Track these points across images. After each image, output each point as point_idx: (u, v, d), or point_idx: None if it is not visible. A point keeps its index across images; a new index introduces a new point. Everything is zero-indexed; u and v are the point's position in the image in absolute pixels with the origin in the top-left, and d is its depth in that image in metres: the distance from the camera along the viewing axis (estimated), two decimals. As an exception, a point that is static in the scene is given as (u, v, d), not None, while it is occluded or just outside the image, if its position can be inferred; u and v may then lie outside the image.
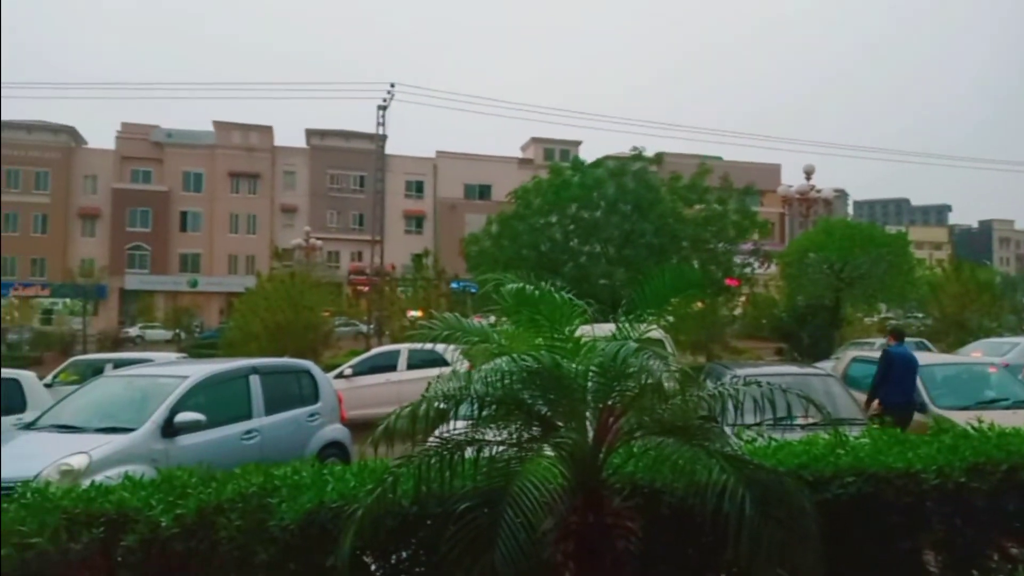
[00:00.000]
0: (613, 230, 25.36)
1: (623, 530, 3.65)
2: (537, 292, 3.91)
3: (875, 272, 24.49)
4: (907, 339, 12.49)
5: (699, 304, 24.69)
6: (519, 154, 68.21)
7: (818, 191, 25.42)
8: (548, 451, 3.82)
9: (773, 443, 4.82)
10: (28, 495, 3.97)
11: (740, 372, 8.42)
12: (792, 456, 4.53)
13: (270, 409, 8.43)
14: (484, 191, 62.97)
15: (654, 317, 4.22)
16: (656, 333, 4.92)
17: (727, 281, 27.41)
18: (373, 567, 3.93)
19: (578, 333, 4.04)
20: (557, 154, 58.21)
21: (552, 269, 23.36)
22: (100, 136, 70.95)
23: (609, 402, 3.82)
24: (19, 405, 8.78)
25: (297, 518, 3.67)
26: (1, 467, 6.52)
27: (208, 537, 3.73)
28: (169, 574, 3.79)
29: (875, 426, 5.64)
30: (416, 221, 63.75)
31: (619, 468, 4.10)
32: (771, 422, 4.76)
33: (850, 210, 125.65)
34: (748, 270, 28.35)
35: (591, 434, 3.84)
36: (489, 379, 3.69)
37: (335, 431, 9.37)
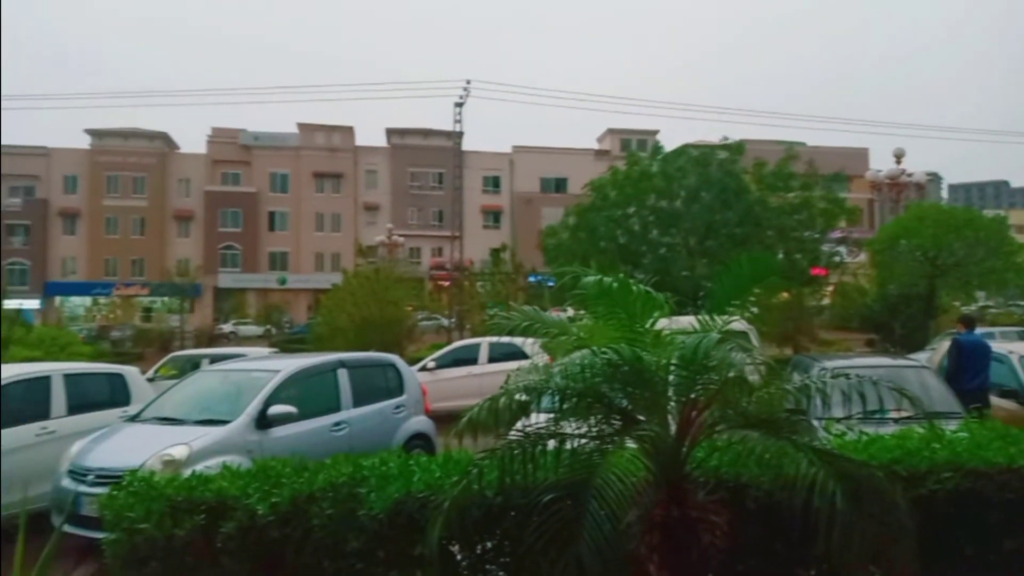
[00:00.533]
0: (695, 220, 24.90)
1: (708, 524, 3.62)
2: (615, 285, 3.90)
3: (972, 258, 23.33)
4: (1009, 328, 11.97)
5: (785, 295, 24.03)
6: (595, 146, 67.74)
7: (909, 175, 24.33)
8: (630, 444, 3.81)
9: (864, 437, 4.67)
10: (135, 484, 4.20)
11: (828, 364, 8.18)
12: (884, 451, 4.39)
13: (357, 401, 8.67)
14: (560, 184, 62.83)
15: (737, 308, 4.15)
16: (739, 325, 4.82)
17: (814, 271, 26.52)
18: (459, 556, 4.00)
19: (658, 326, 4.01)
20: (634, 144, 57.48)
21: (631, 261, 23.14)
22: (192, 141, 73.95)
23: (691, 395, 3.78)
24: (124, 399, 9.25)
25: (385, 507, 3.78)
26: (109, 457, 6.95)
27: (302, 525, 3.88)
28: (266, 560, 3.95)
29: (974, 419, 5.39)
30: (494, 216, 64.16)
31: (703, 462, 4.06)
32: (861, 416, 4.62)
33: (944, 194, 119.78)
34: (836, 259, 27.36)
35: (673, 428, 3.81)
36: (569, 372, 3.71)
37: (420, 423, 9.56)
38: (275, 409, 7.57)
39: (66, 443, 7.75)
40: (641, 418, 3.87)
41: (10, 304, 23.85)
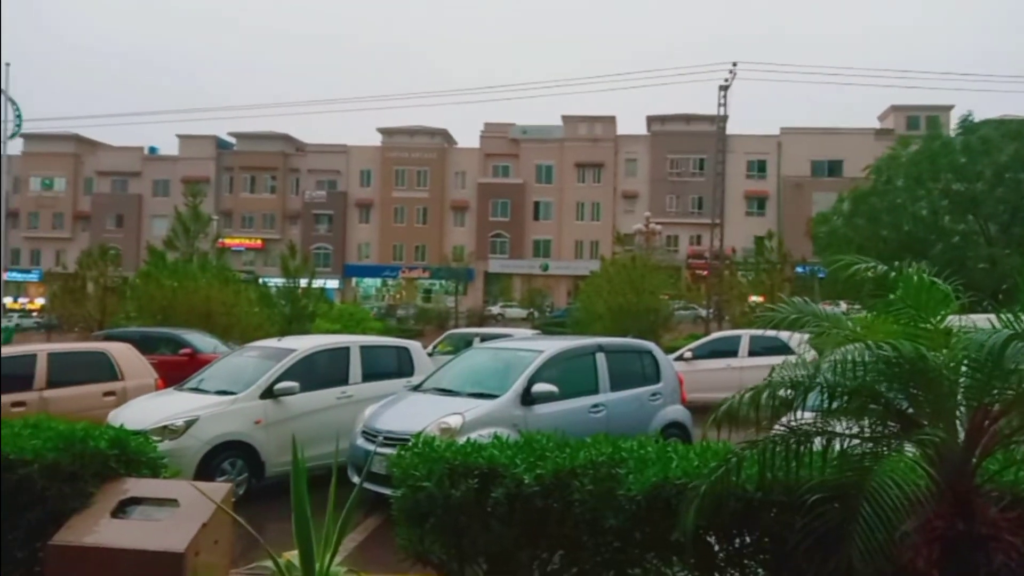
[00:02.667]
0: (998, 204, 21.89)
1: (1002, 543, 3.25)
2: (897, 276, 3.62)
3: None
4: None
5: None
6: (875, 125, 61.94)
7: None
8: (908, 449, 3.53)
9: None
10: (419, 446, 4.70)
11: None
12: None
13: (615, 385, 8.87)
14: (834, 167, 58.37)
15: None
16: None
17: None
18: (716, 548, 3.99)
19: (947, 323, 3.65)
20: (922, 122, 51.74)
21: (916, 251, 20.92)
22: (468, 136, 79.44)
23: (985, 401, 3.41)
24: (408, 370, 10.29)
25: (643, 490, 3.86)
26: (395, 422, 7.80)
27: (563, 498, 4.09)
28: (530, 527, 4.23)
29: None
30: (758, 202, 61.39)
31: (996, 475, 3.64)
32: None
33: None
34: None
35: (961, 435, 3.47)
36: (840, 368, 3.52)
37: (676, 411, 9.54)
38: (538, 387, 8.01)
39: (360, 407, 8.82)
40: (923, 422, 3.57)
41: (316, 283, 27.41)
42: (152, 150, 69.57)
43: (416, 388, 9.05)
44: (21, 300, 60.06)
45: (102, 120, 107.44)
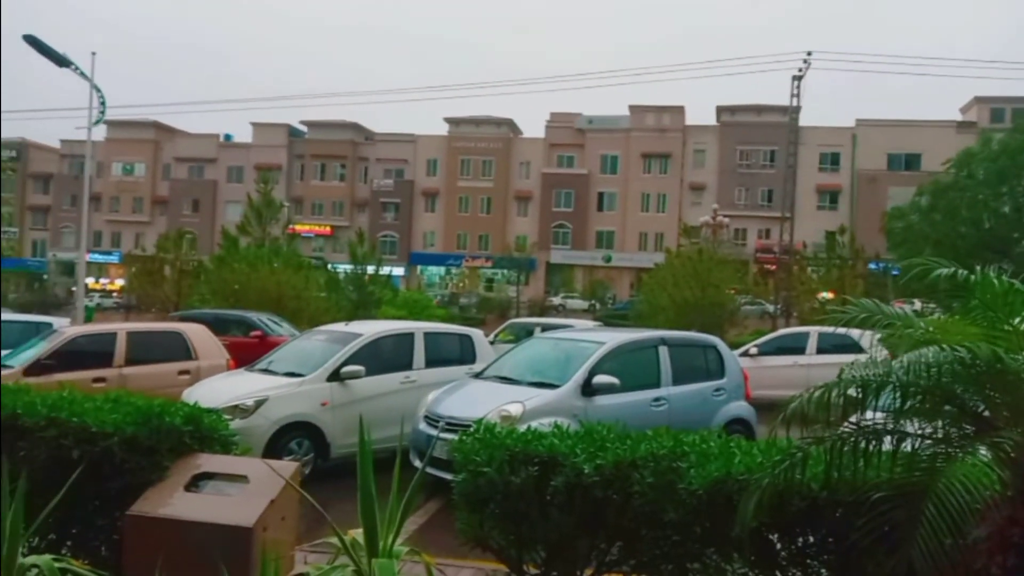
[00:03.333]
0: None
1: (1082, 555, 3.12)
2: (975, 278, 3.50)
3: None
4: None
5: None
6: (957, 117, 59.41)
7: None
8: (983, 453, 3.42)
9: None
10: (480, 432, 4.76)
11: None
12: None
13: (677, 379, 8.79)
14: (912, 161, 56.28)
15: None
16: None
17: None
18: (778, 546, 3.93)
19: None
20: (1007, 114, 49.41)
21: (997, 249, 20.14)
22: (533, 126, 79.42)
23: (1068, 406, 3.27)
24: (470, 357, 10.40)
25: (705, 484, 3.83)
26: (457, 408, 7.90)
27: (623, 489, 4.09)
28: (588, 517, 4.25)
29: None
30: (830, 196, 59.68)
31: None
32: None
33: None
34: None
35: (1041, 439, 3.33)
36: (914, 368, 3.43)
37: (740, 408, 9.41)
38: (599, 379, 8.00)
39: (423, 392, 8.96)
40: (1000, 425, 3.44)
41: (383, 270, 27.90)
42: (227, 137, 71.73)
43: (478, 376, 9.15)
44: (102, 281, 62.80)
45: (180, 107, 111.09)
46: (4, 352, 11.09)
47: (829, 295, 26.26)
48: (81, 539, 4.51)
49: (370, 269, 26.85)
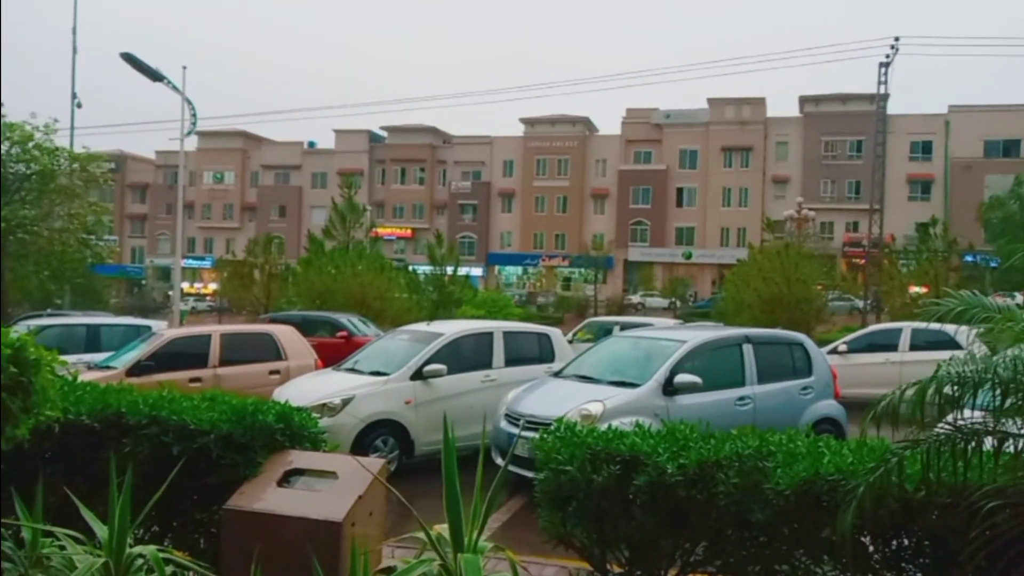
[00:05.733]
0: None
1: None
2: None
3: None
4: None
5: None
6: (1065, 99, 55.91)
7: None
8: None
9: None
10: (561, 430, 4.76)
11: None
12: None
13: (762, 378, 8.59)
14: (1011, 147, 53.34)
15: None
16: None
17: None
18: (871, 548, 3.81)
19: None
20: (1125, 93, 46.16)
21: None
22: (610, 123, 78.78)
23: None
24: (549, 356, 10.42)
25: (792, 485, 3.74)
26: (537, 406, 7.93)
27: (707, 489, 4.03)
28: (672, 517, 4.20)
29: None
30: (922, 186, 57.08)
31: None
32: None
33: None
34: None
35: None
36: (1016, 364, 3.27)
37: (828, 407, 9.12)
38: (681, 378, 7.88)
39: (503, 390, 9.03)
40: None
41: (461, 271, 28.23)
42: (311, 144, 73.88)
43: (557, 374, 9.15)
44: (196, 285, 65.67)
45: (266, 116, 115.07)
46: (107, 354, 11.75)
47: (922, 290, 25.14)
48: (181, 531, 4.73)
49: (449, 270, 27.18)
